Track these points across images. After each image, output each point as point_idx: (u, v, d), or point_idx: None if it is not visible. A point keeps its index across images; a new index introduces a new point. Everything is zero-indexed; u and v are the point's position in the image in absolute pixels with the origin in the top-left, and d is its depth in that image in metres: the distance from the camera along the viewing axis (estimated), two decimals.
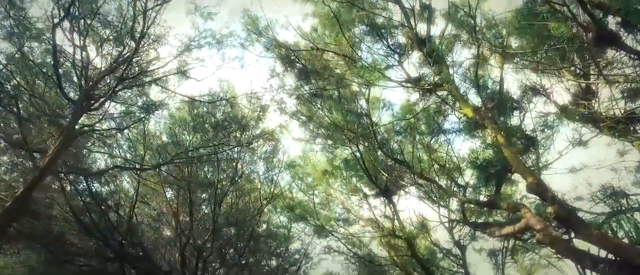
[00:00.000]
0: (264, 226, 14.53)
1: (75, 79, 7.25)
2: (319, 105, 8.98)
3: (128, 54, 6.86)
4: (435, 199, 9.14)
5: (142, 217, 12.96)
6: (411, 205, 30.84)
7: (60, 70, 7.85)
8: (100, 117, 8.77)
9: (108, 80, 6.88)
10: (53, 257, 11.38)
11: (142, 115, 9.08)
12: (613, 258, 5.41)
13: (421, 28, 7.80)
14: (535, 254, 11.24)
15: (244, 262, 14.47)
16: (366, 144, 9.76)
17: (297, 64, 7.97)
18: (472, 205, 8.73)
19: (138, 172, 10.88)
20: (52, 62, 5.98)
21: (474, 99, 8.20)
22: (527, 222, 6.17)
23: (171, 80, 9.14)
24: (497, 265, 12.72)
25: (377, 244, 13.05)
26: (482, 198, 8.19)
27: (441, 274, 11.34)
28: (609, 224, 7.16)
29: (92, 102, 6.56)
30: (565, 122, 7.25)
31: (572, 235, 6.48)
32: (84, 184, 10.76)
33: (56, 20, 6.10)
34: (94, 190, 11.05)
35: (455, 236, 11.40)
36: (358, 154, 9.68)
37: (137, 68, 7.65)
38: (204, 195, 12.38)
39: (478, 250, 13.25)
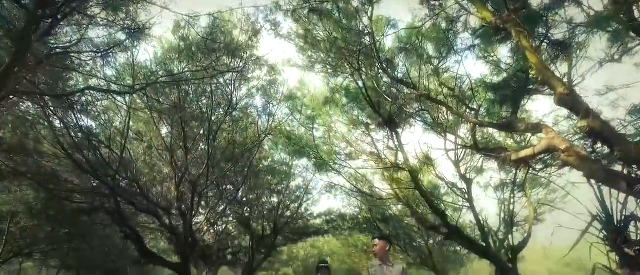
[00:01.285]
0: (265, 163, 13.91)
1: None
2: (317, 22, 7.88)
3: None
4: (442, 125, 8.28)
5: (137, 154, 12.32)
6: (416, 139, 30.17)
7: None
8: (78, 39, 7.77)
9: None
10: (50, 194, 10.91)
11: (125, 38, 8.06)
12: None
13: None
14: (550, 184, 10.56)
15: (244, 199, 14.01)
16: (368, 71, 8.76)
17: None
18: (484, 131, 7.89)
19: (128, 106, 10.10)
20: None
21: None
22: (550, 143, 5.32)
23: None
24: (502, 201, 12.15)
25: (380, 179, 12.42)
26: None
27: (445, 208, 10.73)
28: None
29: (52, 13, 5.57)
30: (597, 34, 6.17)
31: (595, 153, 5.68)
32: (73, 118, 10.02)
33: None
34: (84, 125, 10.35)
35: (461, 170, 10.70)
36: (360, 83, 8.74)
37: None
38: (201, 131, 11.64)
39: (484, 187, 12.62)
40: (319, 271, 5.44)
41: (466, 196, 10.42)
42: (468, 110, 7.08)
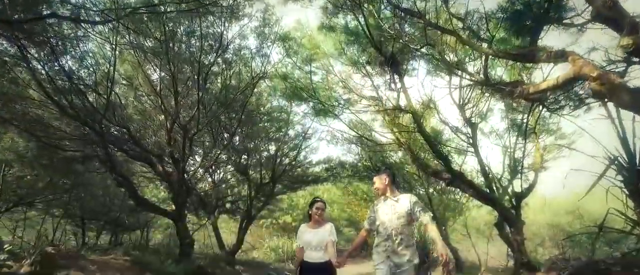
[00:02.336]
0: (262, 109, 13.16)
1: None
2: None
3: None
4: (451, 61, 7.42)
5: (127, 100, 11.57)
6: (419, 82, 29.19)
7: None
8: None
9: None
10: (39, 142, 10.29)
11: None
12: None
13: None
14: (559, 130, 9.85)
15: (241, 146, 13.38)
16: (370, 2, 7.78)
17: None
18: (492, 72, 7.05)
19: (113, 45, 9.20)
20: None
21: None
22: (578, 71, 4.52)
23: None
24: (506, 148, 11.53)
25: (380, 125, 11.73)
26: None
27: (448, 153, 10.07)
28: None
29: None
30: None
31: None
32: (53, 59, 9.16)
33: None
34: (67, 67, 9.50)
35: (466, 114, 9.96)
36: (361, 19, 7.83)
37: None
38: (192, 74, 10.79)
39: (488, 134, 11.93)
40: (312, 205, 4.85)
41: (470, 141, 9.74)
42: (479, 42, 6.21)
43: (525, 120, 9.05)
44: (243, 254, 18.47)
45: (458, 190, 14.83)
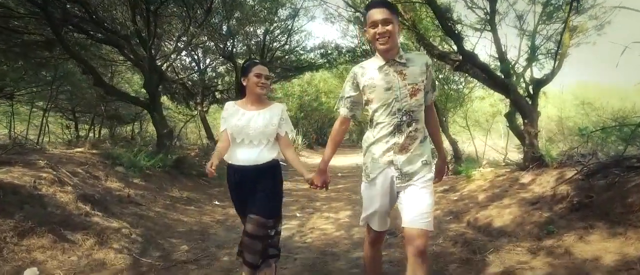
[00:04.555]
0: None
1: None
2: None
3: None
4: None
5: None
6: None
7: None
8: None
9: None
10: None
11: None
12: None
13: None
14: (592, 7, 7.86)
15: (226, 29, 11.52)
16: None
17: None
18: None
19: None
20: None
21: None
22: None
23: None
24: (523, 30, 9.70)
25: None
26: None
27: (461, 30, 8.30)
28: None
29: None
30: None
31: None
32: None
33: None
34: None
35: None
36: None
37: None
38: None
39: (504, 14, 9.98)
40: (248, 70, 2.61)
41: (488, 17, 7.87)
42: None
43: None
44: None
45: (461, 79, 13.33)
